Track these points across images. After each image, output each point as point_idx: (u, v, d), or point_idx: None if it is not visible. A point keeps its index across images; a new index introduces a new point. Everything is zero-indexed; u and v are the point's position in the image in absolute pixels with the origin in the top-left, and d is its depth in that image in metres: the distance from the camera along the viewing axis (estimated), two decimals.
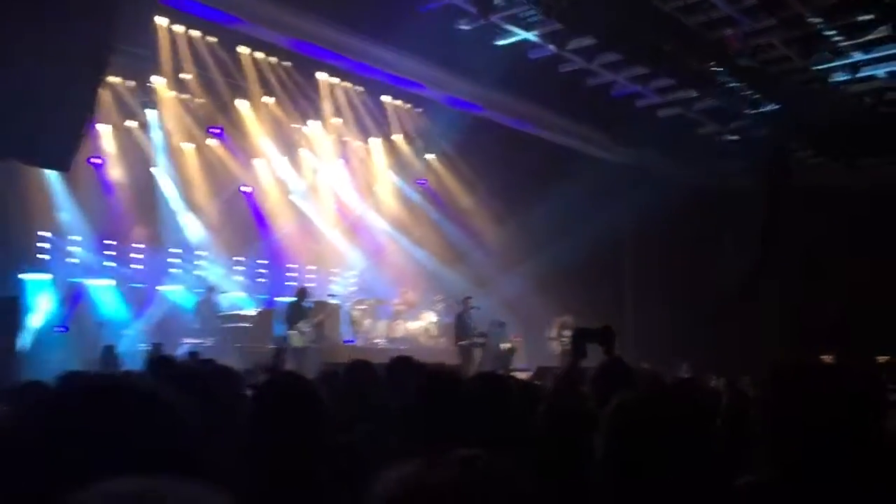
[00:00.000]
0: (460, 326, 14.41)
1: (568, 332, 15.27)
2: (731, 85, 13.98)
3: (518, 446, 2.16)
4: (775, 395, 2.01)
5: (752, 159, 17.21)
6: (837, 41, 13.14)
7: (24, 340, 12.31)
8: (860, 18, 12.36)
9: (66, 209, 14.05)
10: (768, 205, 16.97)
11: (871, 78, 14.38)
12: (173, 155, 15.25)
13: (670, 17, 12.44)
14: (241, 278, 16.53)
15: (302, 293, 13.69)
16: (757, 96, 14.47)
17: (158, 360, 4.64)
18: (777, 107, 14.97)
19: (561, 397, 3.25)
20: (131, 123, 14.65)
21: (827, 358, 13.93)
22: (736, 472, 2.04)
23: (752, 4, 12.09)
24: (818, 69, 14.09)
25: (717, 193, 17.45)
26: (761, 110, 14.94)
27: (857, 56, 13.56)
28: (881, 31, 12.59)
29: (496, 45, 13.52)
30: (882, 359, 13.09)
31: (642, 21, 12.35)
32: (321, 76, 15.23)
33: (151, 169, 15.13)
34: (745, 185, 17.36)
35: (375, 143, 17.46)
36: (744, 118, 15.58)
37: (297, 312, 13.20)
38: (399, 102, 16.54)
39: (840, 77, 14.27)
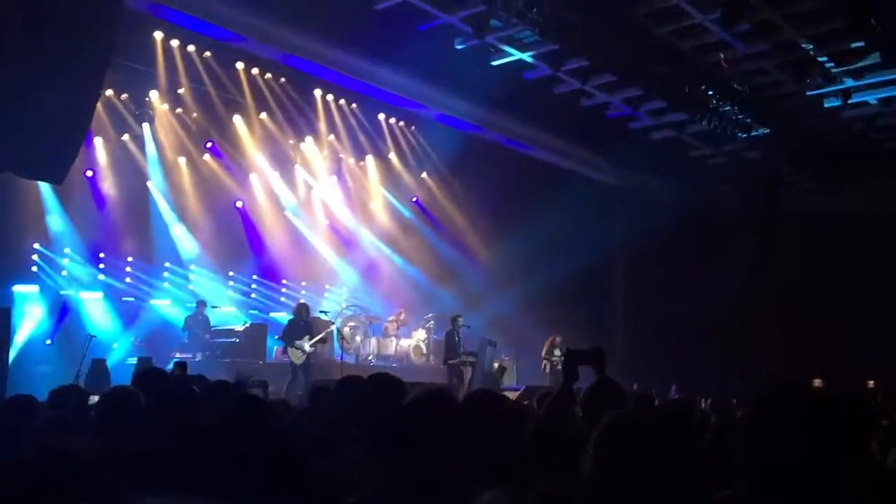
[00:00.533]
0: (449, 345, 14.38)
1: (557, 352, 15.28)
2: (724, 108, 14.08)
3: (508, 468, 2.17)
4: (761, 415, 2.01)
5: (743, 182, 17.32)
6: (830, 67, 13.27)
7: (14, 353, 12.25)
8: (852, 45, 12.49)
9: (58, 221, 14.02)
10: (760, 228, 17.05)
11: (863, 104, 14.51)
12: (167, 169, 15.25)
13: (664, 41, 12.56)
14: (232, 293, 16.50)
15: (301, 309, 13.61)
16: (749, 120, 14.58)
17: (145, 374, 4.62)
18: (768, 131, 15.09)
19: (552, 421, 3.25)
20: (125, 137, 14.66)
21: (817, 381, 13.98)
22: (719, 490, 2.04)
23: (746, 30, 12.21)
24: (810, 94, 14.22)
25: (709, 216, 17.52)
26: (753, 134, 15.05)
27: (849, 82, 13.69)
28: (872, 59, 12.73)
29: (492, 65, 13.61)
30: (871, 383, 13.15)
31: (636, 44, 12.46)
32: (317, 93, 15.28)
33: (146, 183, 15.13)
34: (737, 207, 17.44)
35: (370, 160, 17.50)
36: (736, 142, 15.67)
37: (296, 329, 13.14)
38: (394, 120, 16.60)
39: (832, 103, 14.40)
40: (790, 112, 14.91)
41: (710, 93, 13.71)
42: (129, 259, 15.09)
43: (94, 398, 5.69)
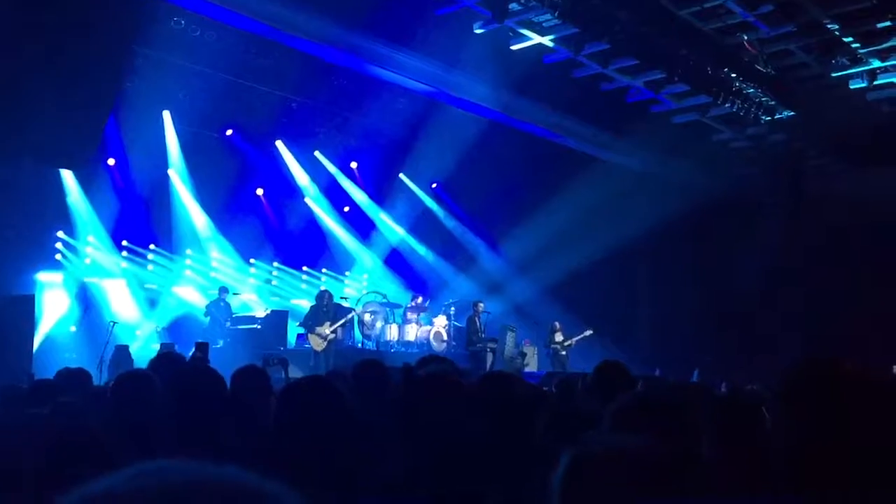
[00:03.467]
0: (471, 331, 14.40)
1: (559, 336, 15.32)
2: (747, 91, 13.89)
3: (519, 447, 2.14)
4: (796, 398, 1.95)
5: (767, 166, 17.10)
6: (855, 48, 13.05)
7: (40, 340, 12.41)
8: (878, 25, 12.28)
9: (81, 209, 14.14)
10: (784, 212, 16.84)
11: (890, 85, 14.27)
12: (188, 156, 15.31)
13: (686, 23, 12.40)
14: (254, 280, 16.58)
15: (322, 296, 13.66)
16: (773, 102, 14.38)
17: (162, 358, 4.62)
18: (793, 113, 14.87)
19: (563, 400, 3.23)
20: (146, 124, 14.70)
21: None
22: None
23: (770, 10, 12.02)
24: (836, 76, 13.99)
25: (733, 200, 17.33)
26: (777, 117, 14.84)
27: (875, 63, 13.46)
28: None
29: (511, 50, 13.52)
30: None
31: (657, 26, 12.31)
32: (336, 79, 15.23)
33: (167, 170, 15.21)
34: (761, 192, 17.25)
35: (389, 146, 17.46)
36: (759, 125, 15.47)
37: (317, 315, 13.19)
38: (412, 105, 16.49)
39: (858, 84, 14.16)
40: (815, 94, 14.68)
41: (734, 75, 13.52)
42: (152, 246, 15.21)
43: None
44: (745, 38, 12.83)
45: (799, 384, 1.96)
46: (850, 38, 12.74)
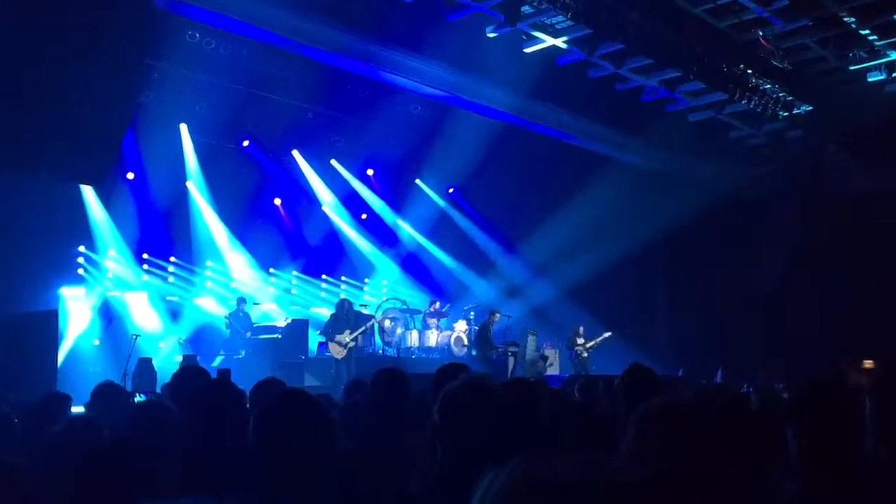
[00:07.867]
0: (484, 338, 14.38)
1: (581, 340, 15.26)
2: (764, 87, 13.79)
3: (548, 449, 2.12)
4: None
5: (785, 162, 16.97)
6: (872, 40, 12.94)
7: (64, 354, 12.52)
8: (895, 17, 12.17)
9: (102, 223, 14.26)
10: (802, 208, 16.69)
11: None
12: (206, 168, 15.39)
13: (699, 20, 12.34)
14: (273, 290, 16.64)
15: (342, 304, 13.68)
16: (790, 98, 14.27)
17: (185, 373, 4.60)
18: (811, 108, 14.75)
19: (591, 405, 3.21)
20: (163, 137, 14.80)
21: (868, 363, 13.61)
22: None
23: (784, 5, 11.94)
24: (853, 69, 13.87)
25: (750, 197, 17.20)
26: (794, 112, 14.73)
27: (894, 55, 13.34)
28: None
29: (525, 52, 13.51)
30: None
31: (671, 25, 12.26)
32: (352, 86, 15.27)
33: (185, 182, 15.30)
34: (779, 188, 17.10)
35: (405, 152, 17.47)
36: (777, 120, 15.36)
37: (337, 324, 13.21)
38: (428, 111, 16.51)
39: (876, 76, 14.03)
40: (833, 88, 14.56)
41: (749, 71, 13.44)
42: (172, 258, 15.30)
43: (141, 397, 5.76)
44: (760, 33, 12.75)
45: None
46: (867, 31, 12.63)
